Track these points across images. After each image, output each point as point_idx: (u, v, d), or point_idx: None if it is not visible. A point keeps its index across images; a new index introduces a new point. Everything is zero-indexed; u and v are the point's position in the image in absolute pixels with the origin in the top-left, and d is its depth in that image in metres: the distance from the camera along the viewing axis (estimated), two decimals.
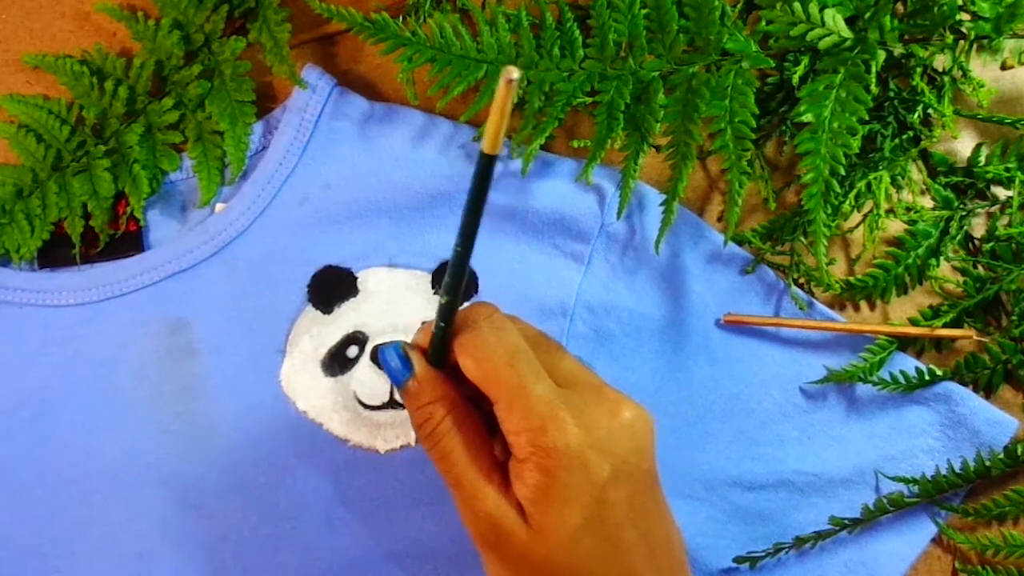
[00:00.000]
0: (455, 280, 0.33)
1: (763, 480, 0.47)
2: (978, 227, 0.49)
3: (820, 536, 0.46)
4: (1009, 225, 0.48)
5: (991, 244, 0.48)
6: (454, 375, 0.36)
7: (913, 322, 0.49)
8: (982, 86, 0.47)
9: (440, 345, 0.36)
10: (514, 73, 0.27)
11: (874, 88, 0.43)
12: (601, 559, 0.34)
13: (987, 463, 0.46)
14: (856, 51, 0.43)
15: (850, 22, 0.43)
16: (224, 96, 0.49)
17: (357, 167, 0.50)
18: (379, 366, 0.47)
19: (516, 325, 0.36)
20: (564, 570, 0.34)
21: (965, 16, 0.44)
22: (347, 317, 0.48)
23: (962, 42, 0.45)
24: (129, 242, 0.49)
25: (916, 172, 0.50)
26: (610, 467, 0.33)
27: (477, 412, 0.36)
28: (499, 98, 0.28)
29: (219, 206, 0.50)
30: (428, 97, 0.49)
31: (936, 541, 0.48)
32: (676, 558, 0.36)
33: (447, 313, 0.34)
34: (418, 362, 0.36)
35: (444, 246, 0.49)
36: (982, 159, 0.49)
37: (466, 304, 0.38)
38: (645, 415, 0.36)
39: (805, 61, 0.44)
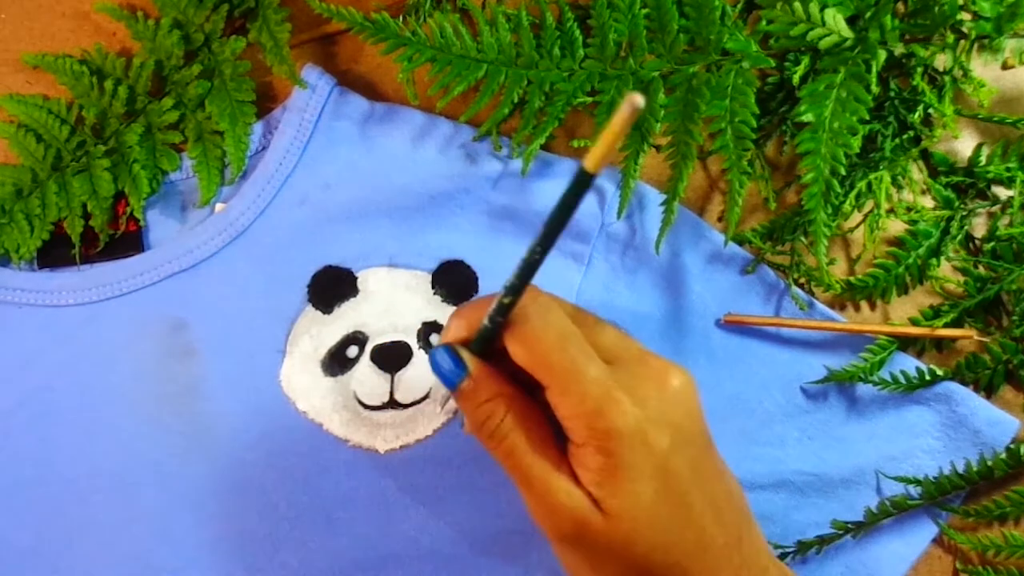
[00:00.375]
0: (521, 283, 0.32)
1: (764, 480, 0.47)
2: (979, 227, 0.49)
3: (823, 541, 0.46)
4: (1010, 225, 0.48)
5: (992, 244, 0.48)
6: (501, 364, 0.35)
7: (914, 322, 0.49)
8: (983, 86, 0.47)
9: (491, 338, 0.34)
10: (639, 101, 0.26)
11: (875, 88, 0.42)
12: (676, 528, 0.34)
13: (988, 463, 0.46)
14: (857, 51, 0.43)
15: (850, 22, 0.43)
16: (224, 96, 0.49)
17: (357, 167, 0.49)
18: (380, 367, 0.47)
19: (570, 307, 0.36)
20: (648, 548, 0.33)
21: (966, 16, 0.44)
22: (347, 317, 0.48)
23: (963, 42, 0.45)
24: (129, 242, 0.49)
25: (917, 172, 0.49)
26: (669, 437, 0.33)
27: (535, 403, 0.35)
28: (618, 122, 0.27)
29: (219, 206, 0.50)
30: (428, 97, 0.49)
31: (937, 541, 0.48)
32: (740, 510, 0.37)
33: (505, 311, 0.33)
34: (470, 360, 0.35)
35: (444, 246, 0.49)
36: (983, 159, 0.49)
37: (473, 299, 0.37)
38: (689, 378, 0.35)
39: (805, 61, 0.44)
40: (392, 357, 0.47)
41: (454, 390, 0.35)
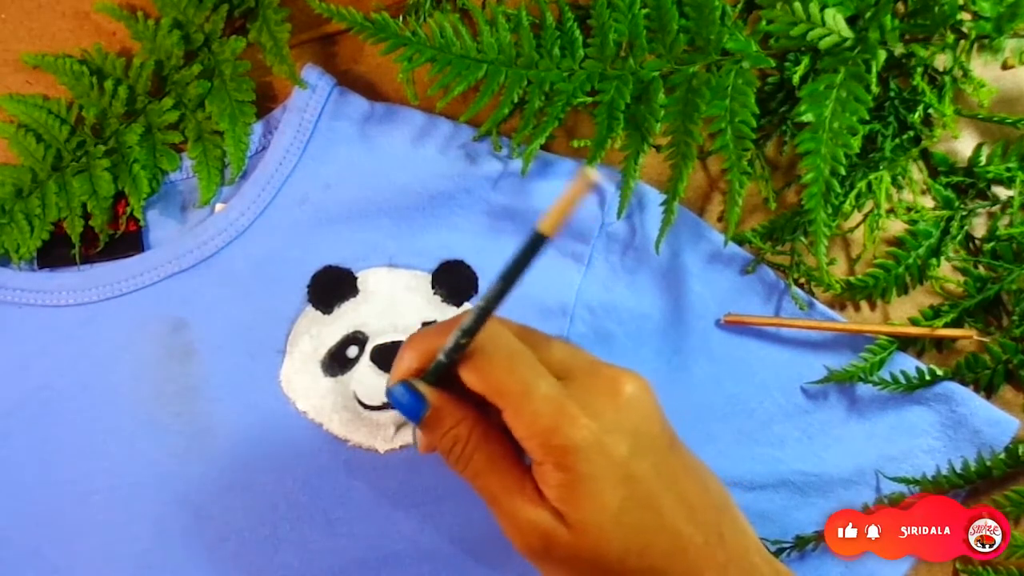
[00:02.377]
0: (476, 326, 0.33)
1: (763, 480, 0.47)
2: (979, 227, 0.49)
3: (821, 537, 0.46)
4: (1010, 225, 0.48)
5: (992, 244, 0.48)
6: (460, 389, 0.36)
7: (914, 322, 0.49)
8: (983, 86, 0.47)
9: (445, 371, 0.35)
10: (594, 176, 0.28)
11: (874, 88, 0.42)
12: (647, 531, 0.34)
13: (988, 463, 0.46)
14: (857, 51, 0.43)
15: (850, 22, 0.43)
16: (224, 96, 0.49)
17: (357, 167, 0.49)
18: (380, 367, 0.47)
19: (505, 326, 0.36)
20: (620, 554, 0.34)
21: (966, 15, 0.44)
22: (347, 317, 0.48)
23: (963, 42, 0.45)
24: (129, 242, 0.49)
25: (917, 172, 0.49)
26: (627, 444, 0.34)
27: (496, 424, 0.36)
28: (572, 194, 0.28)
29: (219, 206, 0.50)
30: (428, 97, 0.49)
31: None
32: (717, 507, 0.37)
33: (461, 350, 0.34)
34: (429, 393, 0.35)
35: (444, 246, 0.49)
36: (983, 159, 0.49)
37: (421, 330, 0.38)
38: (643, 382, 0.36)
39: (805, 61, 0.44)
40: (392, 357, 0.47)
41: (418, 423, 0.36)
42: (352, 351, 0.48)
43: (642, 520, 0.34)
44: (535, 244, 0.30)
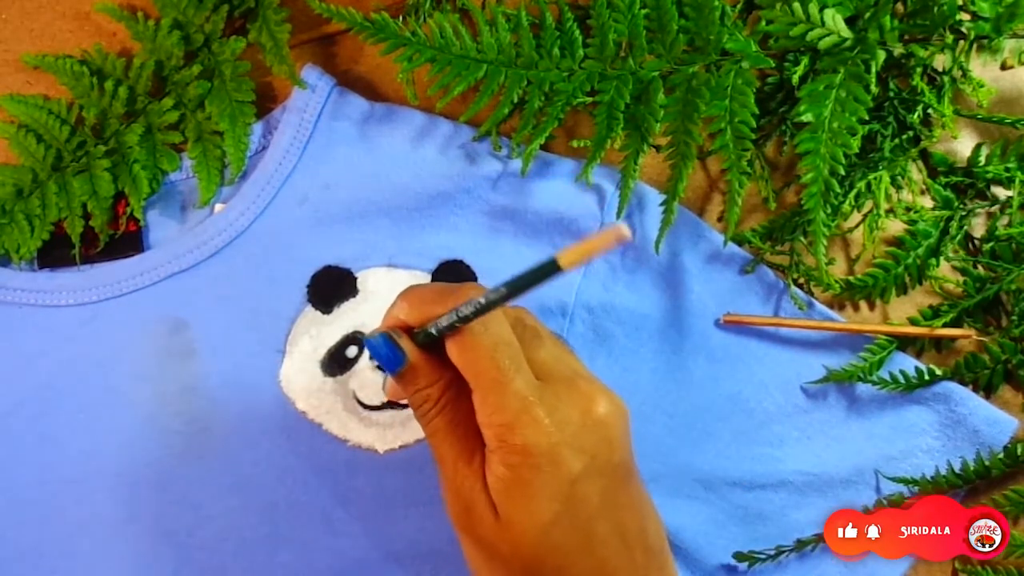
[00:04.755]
0: (471, 317, 0.33)
1: (763, 480, 0.47)
2: (978, 227, 0.49)
3: (821, 539, 0.46)
4: (1009, 225, 0.48)
5: (991, 244, 0.48)
6: (442, 356, 0.36)
7: (913, 322, 0.49)
8: (982, 86, 0.47)
9: (434, 340, 0.35)
10: (627, 233, 0.28)
11: (874, 88, 0.43)
12: (572, 553, 0.34)
13: (987, 463, 0.46)
14: (856, 51, 0.43)
15: (850, 22, 0.43)
16: (224, 96, 0.49)
17: (357, 167, 0.50)
18: (379, 367, 0.47)
19: (514, 313, 0.36)
20: (532, 561, 0.34)
21: (965, 16, 0.44)
22: (347, 317, 0.48)
23: (962, 42, 0.45)
24: (129, 242, 0.49)
25: (916, 172, 0.50)
26: (581, 463, 0.33)
27: (469, 395, 0.36)
28: (601, 244, 0.28)
29: (219, 206, 0.50)
30: (428, 97, 0.49)
31: None
32: (652, 548, 0.36)
33: (451, 330, 0.34)
34: (410, 350, 0.36)
35: (443, 246, 0.49)
36: (982, 159, 0.49)
37: (423, 284, 0.38)
38: (619, 406, 0.35)
39: (805, 61, 0.44)
40: None
41: (394, 375, 0.36)
42: (352, 351, 0.48)
43: (569, 540, 0.34)
44: (548, 271, 0.30)
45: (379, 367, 0.47)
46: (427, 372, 0.36)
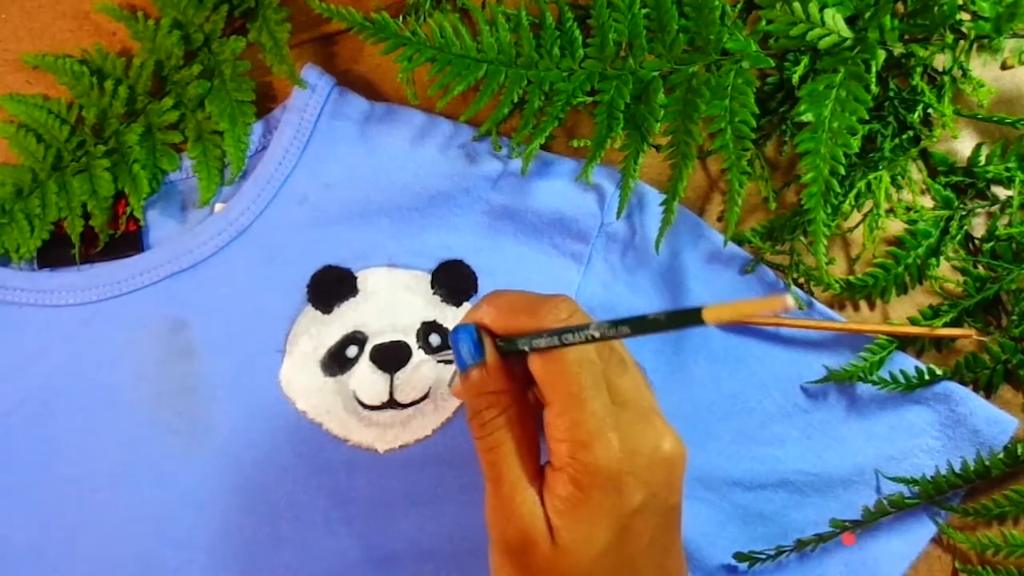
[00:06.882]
0: (572, 342, 0.32)
1: (763, 480, 0.47)
2: (978, 227, 0.49)
3: (821, 539, 0.46)
4: (1009, 225, 0.48)
5: (991, 244, 0.48)
6: (516, 366, 0.35)
7: (913, 322, 0.49)
8: (982, 86, 0.47)
9: (520, 351, 0.34)
10: (791, 304, 0.26)
11: (874, 88, 0.43)
12: None
13: (987, 463, 0.46)
14: (856, 51, 0.43)
15: (850, 22, 0.43)
16: (224, 96, 0.49)
17: (357, 167, 0.50)
18: (380, 366, 0.47)
19: None
20: None
21: (965, 16, 0.44)
22: (347, 317, 0.48)
23: (962, 42, 0.45)
24: (129, 242, 0.49)
25: (916, 172, 0.50)
26: (642, 497, 0.33)
27: (534, 415, 0.36)
28: (758, 307, 0.27)
29: (219, 206, 0.50)
30: (428, 97, 0.49)
31: (936, 541, 0.48)
32: None
33: (544, 350, 0.33)
34: (491, 352, 0.35)
35: (444, 246, 0.49)
36: (982, 159, 0.49)
37: (517, 292, 0.37)
38: (683, 450, 0.35)
39: (805, 61, 0.44)
40: (391, 357, 0.47)
41: (464, 371, 0.35)
42: (352, 351, 0.48)
43: (616, 573, 0.34)
44: (689, 319, 0.28)
45: (442, 361, 0.46)
46: (497, 379, 0.35)
